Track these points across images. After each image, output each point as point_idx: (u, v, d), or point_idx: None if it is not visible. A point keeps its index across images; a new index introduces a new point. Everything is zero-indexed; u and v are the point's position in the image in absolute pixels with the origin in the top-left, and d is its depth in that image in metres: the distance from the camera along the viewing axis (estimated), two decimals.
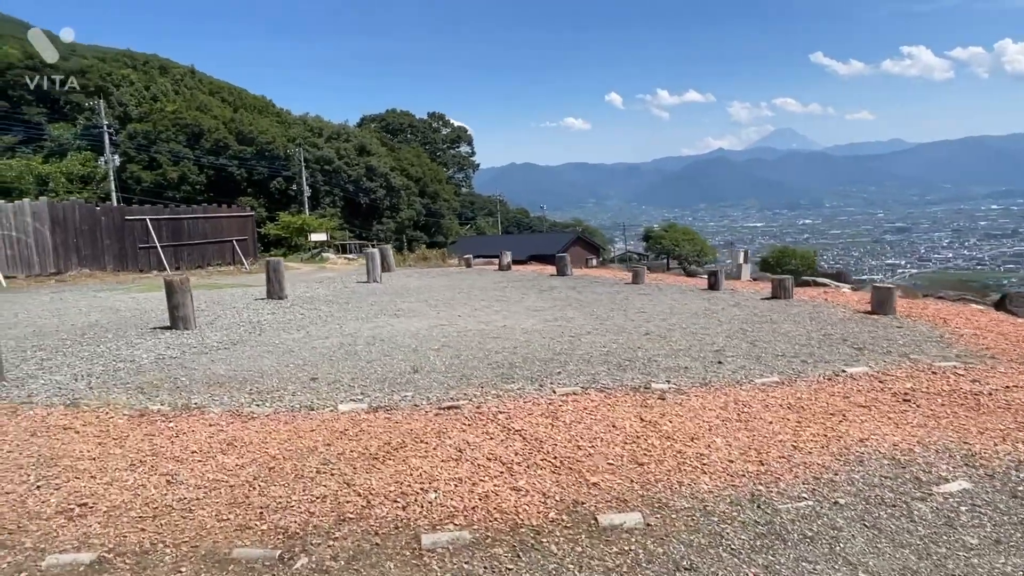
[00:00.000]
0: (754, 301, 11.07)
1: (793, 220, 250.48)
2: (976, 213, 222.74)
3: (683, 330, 8.74)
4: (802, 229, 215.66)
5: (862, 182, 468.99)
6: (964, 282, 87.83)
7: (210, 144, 44.80)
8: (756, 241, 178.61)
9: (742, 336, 8.20)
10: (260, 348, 8.49)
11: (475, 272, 18.43)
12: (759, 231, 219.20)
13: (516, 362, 7.16)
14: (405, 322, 10.29)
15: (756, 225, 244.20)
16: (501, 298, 12.77)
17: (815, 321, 9.02)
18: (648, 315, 10.12)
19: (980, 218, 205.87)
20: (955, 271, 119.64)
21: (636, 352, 7.46)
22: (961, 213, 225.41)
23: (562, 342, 8.23)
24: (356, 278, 17.97)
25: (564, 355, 7.44)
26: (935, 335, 7.92)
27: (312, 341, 8.91)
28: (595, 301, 11.86)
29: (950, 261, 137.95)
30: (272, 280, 12.97)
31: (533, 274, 17.32)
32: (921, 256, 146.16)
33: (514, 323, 9.79)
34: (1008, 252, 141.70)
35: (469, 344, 8.31)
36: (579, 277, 16.04)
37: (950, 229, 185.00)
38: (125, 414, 5.58)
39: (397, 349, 8.17)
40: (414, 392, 6.05)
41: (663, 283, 14.17)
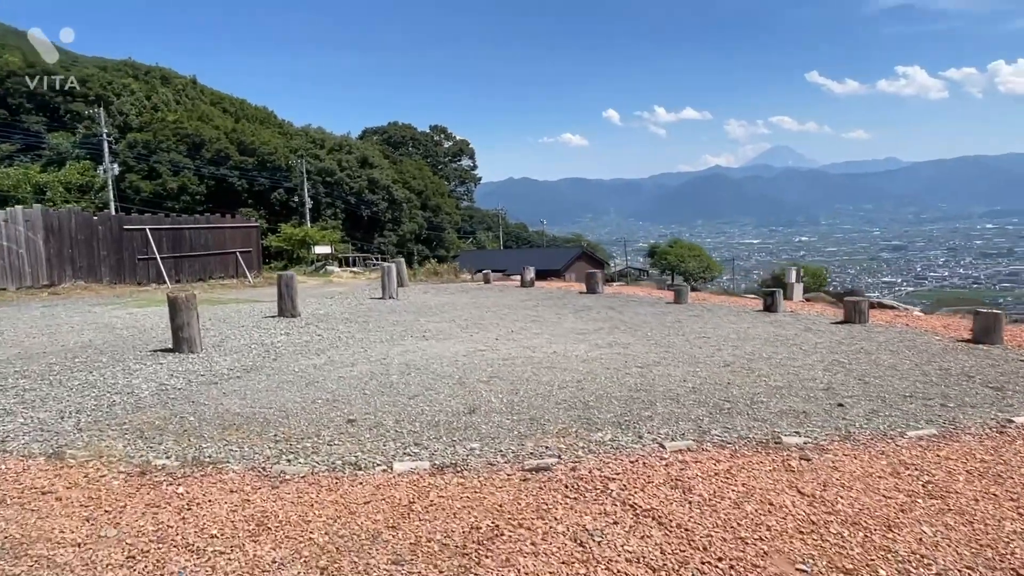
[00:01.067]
0: (825, 325, 9.94)
1: (789, 237, 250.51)
2: (972, 232, 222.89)
3: (767, 361, 7.59)
4: (798, 246, 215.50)
5: (858, 200, 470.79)
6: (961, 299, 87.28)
7: (211, 154, 43.74)
8: (752, 258, 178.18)
9: (843, 370, 7.05)
10: (278, 377, 7.31)
11: (496, 289, 17.29)
12: (755, 248, 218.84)
13: (589, 401, 5.99)
14: (438, 346, 9.12)
15: (753, 242, 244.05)
16: (536, 318, 11.61)
17: (916, 351, 7.89)
18: (713, 341, 8.97)
19: (976, 237, 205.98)
20: (951, 289, 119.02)
21: (728, 389, 6.30)
22: (956, 232, 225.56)
23: (631, 374, 7.06)
24: (369, 293, 16.80)
25: (643, 392, 6.28)
26: None
27: (337, 369, 7.73)
28: (643, 323, 10.71)
29: (946, 280, 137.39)
30: (284, 296, 11.80)
31: (560, 291, 16.19)
32: (917, 274, 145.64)
33: (564, 349, 8.63)
34: (1004, 271, 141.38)
35: (522, 375, 7.14)
36: (612, 295, 14.91)
37: (945, 248, 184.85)
38: (121, 471, 4.39)
39: (439, 380, 7.00)
40: (480, 443, 4.88)
41: (708, 303, 13.06)
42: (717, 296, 14.39)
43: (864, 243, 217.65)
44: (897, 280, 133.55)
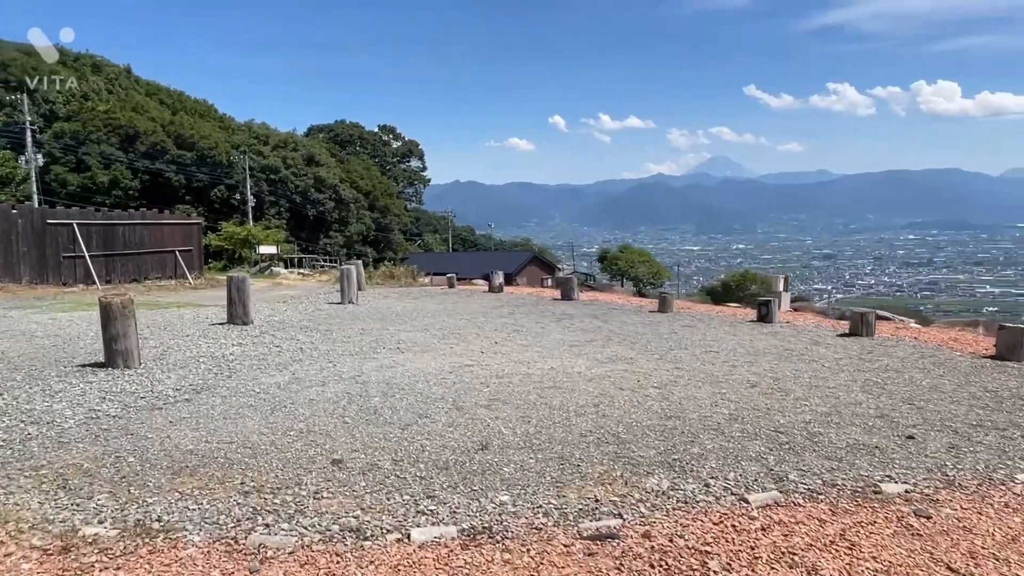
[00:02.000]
0: (831, 338, 9.33)
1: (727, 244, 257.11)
2: (895, 242, 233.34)
3: (794, 380, 6.84)
4: (736, 253, 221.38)
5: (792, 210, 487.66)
6: (886, 306, 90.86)
7: (146, 147, 41.11)
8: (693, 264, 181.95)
9: (883, 392, 6.36)
10: (236, 400, 6.14)
11: (462, 294, 16.24)
12: (696, 254, 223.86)
13: (619, 432, 5.08)
14: (417, 361, 8.07)
15: (693, 248, 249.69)
16: (517, 328, 10.65)
17: (946, 370, 7.29)
18: (723, 356, 8.21)
19: (899, 247, 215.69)
20: (877, 297, 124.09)
21: (772, 417, 5.49)
22: (882, 242, 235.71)
23: (651, 396, 6.19)
24: (324, 298, 15.50)
25: (676, 420, 5.41)
26: None
27: (305, 389, 6.60)
28: (637, 334, 9.89)
29: (872, 287, 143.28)
30: (235, 301, 10.48)
31: (532, 297, 15.27)
32: (846, 282, 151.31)
33: (562, 365, 7.70)
34: (924, 280, 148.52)
35: (526, 398, 6.19)
36: (589, 302, 14.09)
37: (872, 257, 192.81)
38: (35, 545, 3.24)
39: (431, 405, 5.97)
40: (509, 494, 3.90)
41: (693, 311, 12.37)
42: (700, 305, 13.74)
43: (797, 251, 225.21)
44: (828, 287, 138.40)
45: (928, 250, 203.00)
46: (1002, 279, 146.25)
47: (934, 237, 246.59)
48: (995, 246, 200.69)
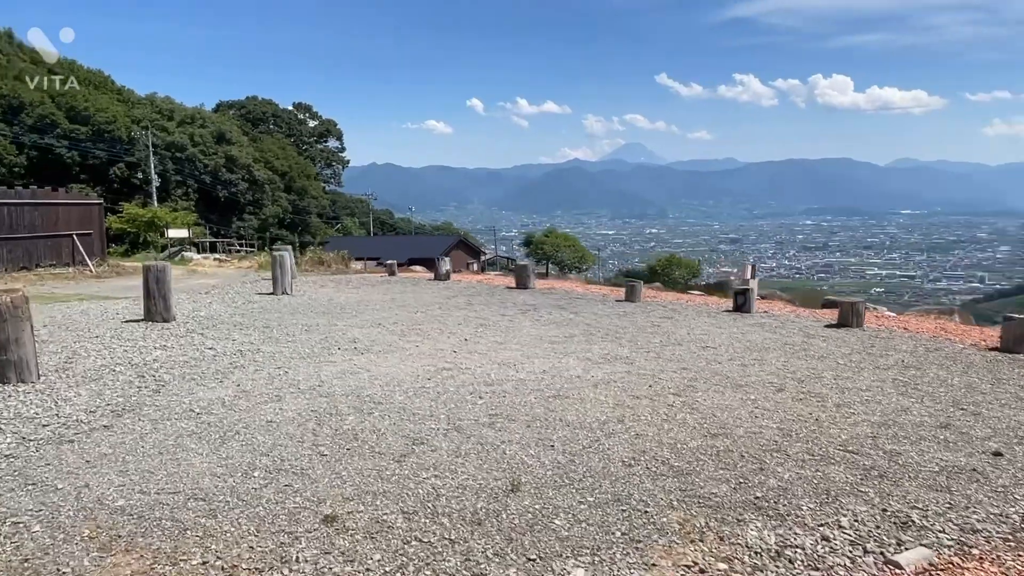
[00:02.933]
0: (821, 330, 8.83)
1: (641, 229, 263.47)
2: (795, 227, 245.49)
3: (819, 381, 6.19)
4: (649, 238, 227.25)
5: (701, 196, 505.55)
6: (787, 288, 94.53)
7: (33, 120, 37.02)
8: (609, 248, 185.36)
9: (924, 395, 5.78)
10: (172, 424, 4.88)
11: (406, 282, 14.98)
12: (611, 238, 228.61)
13: (668, 459, 4.21)
14: (383, 363, 6.94)
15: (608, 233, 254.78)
16: (482, 321, 9.63)
17: (966, 366, 6.83)
18: (724, 352, 7.50)
19: (798, 232, 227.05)
20: (778, 279, 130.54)
21: (829, 431, 4.77)
22: (783, 227, 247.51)
23: (678, 407, 5.36)
24: (252, 288, 13.92)
25: (724, 439, 4.59)
26: None
27: (257, 406, 5.39)
28: (617, 328, 9.08)
29: (774, 270, 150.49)
30: (154, 295, 8.94)
31: (482, 285, 14.21)
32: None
33: (554, 367, 6.77)
34: (820, 263, 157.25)
35: (532, 411, 5.23)
36: (547, 290, 13.19)
37: (774, 241, 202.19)
38: None
39: (421, 425, 4.92)
40: (583, 565, 2.94)
41: (660, 300, 11.70)
42: (664, 293, 13.12)
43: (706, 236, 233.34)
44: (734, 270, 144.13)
45: (824, 235, 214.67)
46: (889, 262, 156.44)
47: (829, 223, 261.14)
48: (882, 231, 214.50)
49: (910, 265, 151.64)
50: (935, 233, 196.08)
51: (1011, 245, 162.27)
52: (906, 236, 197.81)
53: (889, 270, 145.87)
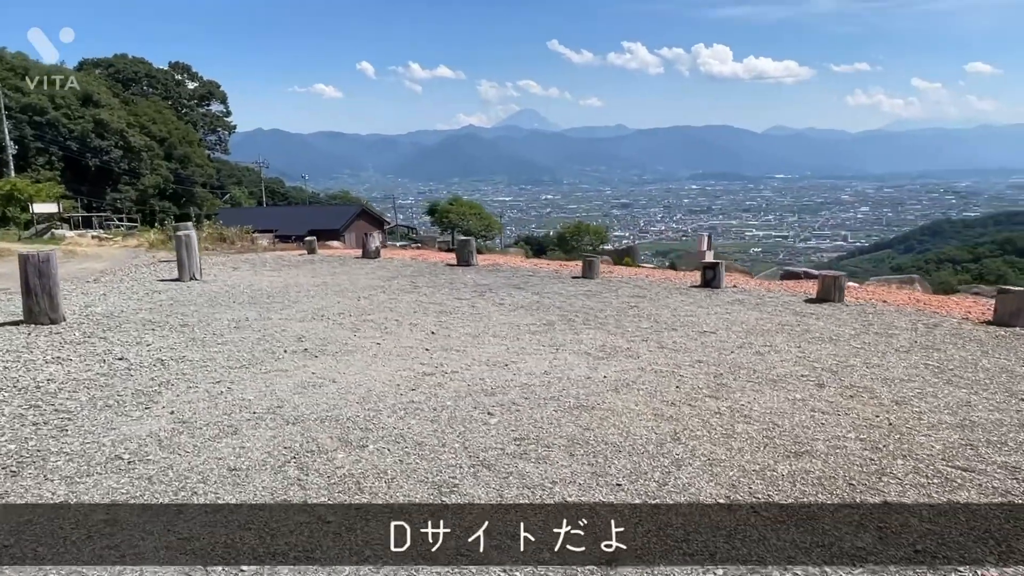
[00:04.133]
0: (807, 306, 8.37)
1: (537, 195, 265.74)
2: (681, 192, 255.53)
3: (852, 372, 5.62)
4: (545, 204, 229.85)
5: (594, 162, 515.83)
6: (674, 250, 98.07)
7: None
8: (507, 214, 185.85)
9: (973, 383, 5.31)
10: (96, 483, 3.59)
11: (333, 261, 13.46)
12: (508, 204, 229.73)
13: (773, 497, 3.42)
14: (347, 369, 5.76)
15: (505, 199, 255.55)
16: (441, 308, 8.52)
17: (978, 344, 6.49)
18: (722, 337, 6.84)
19: (684, 196, 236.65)
20: (667, 242, 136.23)
21: (914, 439, 4.15)
22: (670, 192, 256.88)
23: (726, 414, 4.60)
24: (151, 272, 12.00)
25: (811, 459, 3.86)
26: None
27: (207, 444, 4.15)
28: (592, 311, 8.25)
29: (663, 233, 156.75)
30: (36, 291, 7.17)
31: (422, 263, 12.94)
32: (641, 228, 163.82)
33: (553, 365, 5.85)
34: (705, 225, 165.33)
35: (564, 432, 4.31)
36: (491, 267, 12.13)
37: (662, 205, 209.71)
38: None
39: (433, 460, 3.90)
40: None
41: (620, 276, 10.97)
42: (621, 268, 12.41)
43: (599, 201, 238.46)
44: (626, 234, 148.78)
45: (707, 199, 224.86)
46: (765, 224, 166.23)
47: (712, 187, 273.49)
48: (759, 195, 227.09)
49: (784, 226, 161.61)
50: (805, 196, 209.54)
51: (869, 206, 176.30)
52: (780, 199, 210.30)
53: (765, 231, 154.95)
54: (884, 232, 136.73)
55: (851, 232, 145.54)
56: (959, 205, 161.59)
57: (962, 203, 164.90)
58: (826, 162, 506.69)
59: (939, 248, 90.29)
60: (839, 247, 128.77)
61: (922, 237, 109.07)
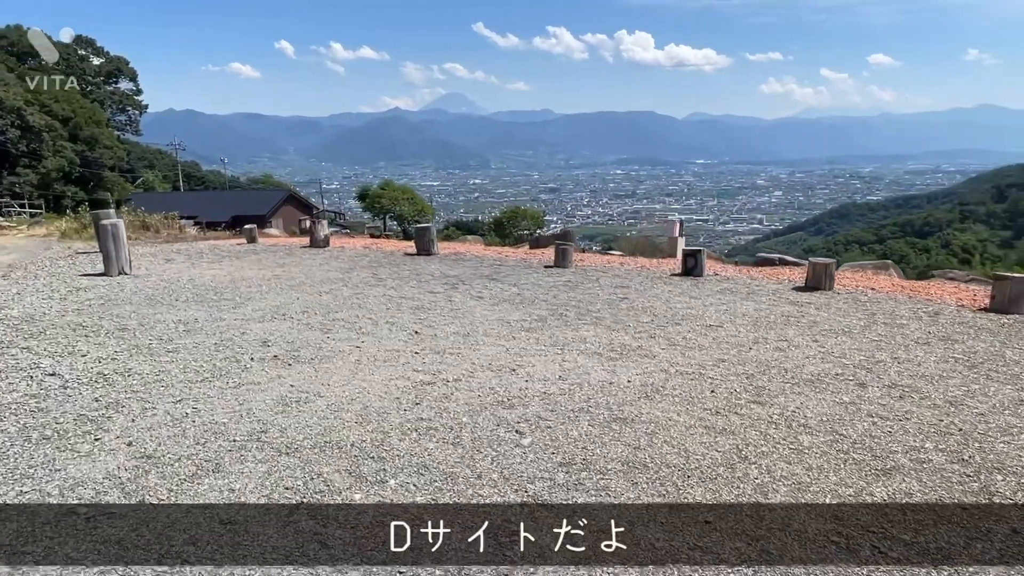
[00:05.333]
0: (798, 294, 8.08)
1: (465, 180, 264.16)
2: (607, 176, 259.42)
3: (887, 368, 5.27)
4: (473, 188, 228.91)
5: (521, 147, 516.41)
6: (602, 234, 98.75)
7: None
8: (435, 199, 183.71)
9: (1009, 378, 5.05)
10: (51, 558, 2.74)
11: (279, 251, 12.34)
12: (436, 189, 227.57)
13: (902, 536, 2.95)
14: (331, 380, 4.99)
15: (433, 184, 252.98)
16: (415, 303, 7.76)
17: (991, 334, 6.31)
18: (734, 333, 6.41)
19: (609, 180, 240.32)
20: (593, 226, 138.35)
21: (996, 448, 3.79)
22: (596, 176, 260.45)
23: (784, 427, 4.13)
24: (70, 266, 10.61)
25: (900, 476, 3.45)
26: None
27: (184, 487, 3.38)
28: (581, 303, 7.68)
29: (590, 217, 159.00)
30: None
31: (377, 251, 11.96)
32: (568, 213, 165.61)
33: (564, 369, 5.26)
34: (629, 209, 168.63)
35: (610, 452, 3.75)
36: (454, 256, 11.35)
37: (588, 190, 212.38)
38: None
39: (478, 497, 3.24)
40: None
41: (595, 265, 10.42)
42: (595, 256, 11.84)
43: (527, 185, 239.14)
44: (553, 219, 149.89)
45: (632, 183, 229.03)
46: (687, 208, 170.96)
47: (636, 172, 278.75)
48: (681, 180, 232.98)
49: (704, 210, 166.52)
50: (723, 181, 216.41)
51: (782, 190, 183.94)
52: (700, 184, 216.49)
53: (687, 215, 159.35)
54: (796, 215, 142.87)
55: (766, 215, 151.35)
56: (863, 189, 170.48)
57: (866, 187, 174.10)
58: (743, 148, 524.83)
59: (847, 230, 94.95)
60: (755, 230, 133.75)
61: (831, 220, 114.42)
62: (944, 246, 66.60)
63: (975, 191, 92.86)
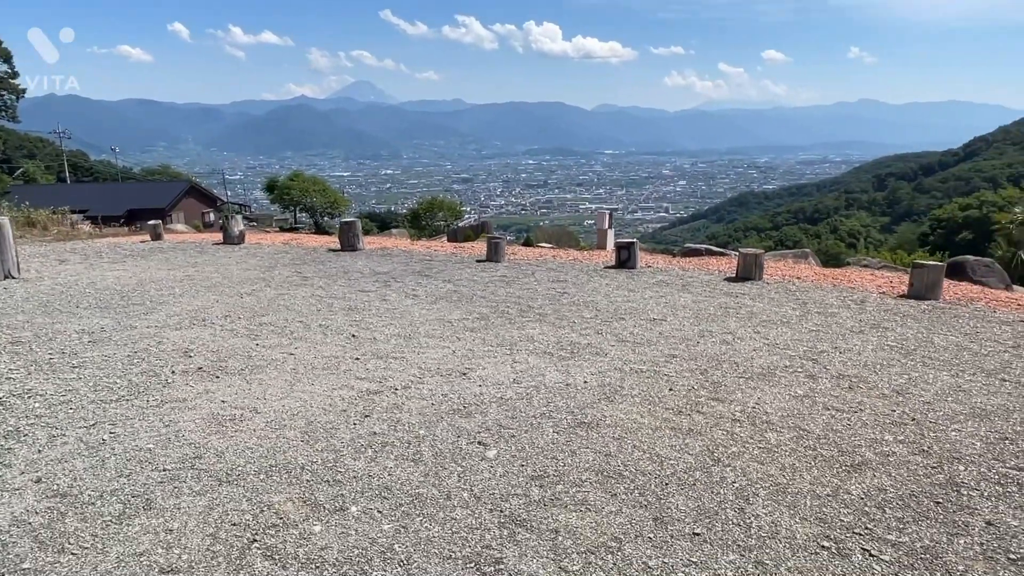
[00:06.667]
0: (729, 285, 8.18)
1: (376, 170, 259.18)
2: (519, 167, 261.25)
3: (836, 359, 5.37)
4: (385, 179, 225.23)
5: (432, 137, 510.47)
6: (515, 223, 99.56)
7: None
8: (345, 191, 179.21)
9: (944, 364, 5.24)
10: None
11: (189, 249, 11.44)
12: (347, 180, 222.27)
13: (887, 537, 2.93)
14: (265, 392, 4.60)
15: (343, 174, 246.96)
16: (347, 303, 7.34)
17: (915, 321, 6.57)
18: (679, 327, 6.39)
19: (522, 171, 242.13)
20: (507, 216, 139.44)
21: (1006, 461, 3.89)
22: (508, 167, 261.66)
23: (746, 424, 4.10)
24: None
25: (870, 472, 3.47)
26: None
27: (122, 541, 2.98)
28: (521, 300, 7.49)
29: (503, 207, 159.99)
30: None
31: (298, 248, 11.22)
32: (482, 203, 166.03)
33: (517, 370, 5.06)
34: (542, 199, 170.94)
35: (580, 461, 3.60)
36: (381, 252, 10.84)
37: (501, 180, 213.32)
38: None
39: (452, 520, 3.01)
40: None
41: (527, 258, 10.21)
42: (524, 250, 11.56)
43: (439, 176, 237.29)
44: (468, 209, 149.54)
45: (543, 173, 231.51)
46: (597, 197, 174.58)
47: (547, 162, 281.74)
48: (591, 170, 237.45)
49: (613, 199, 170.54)
50: (631, 171, 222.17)
51: (686, 180, 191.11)
52: (609, 173, 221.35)
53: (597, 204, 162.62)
54: (699, 204, 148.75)
55: (671, 204, 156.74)
56: (760, 179, 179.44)
57: (762, 177, 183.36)
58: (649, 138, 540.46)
59: (745, 217, 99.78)
60: (662, 218, 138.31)
61: (731, 208, 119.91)
62: (832, 231, 71.01)
63: (858, 180, 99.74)
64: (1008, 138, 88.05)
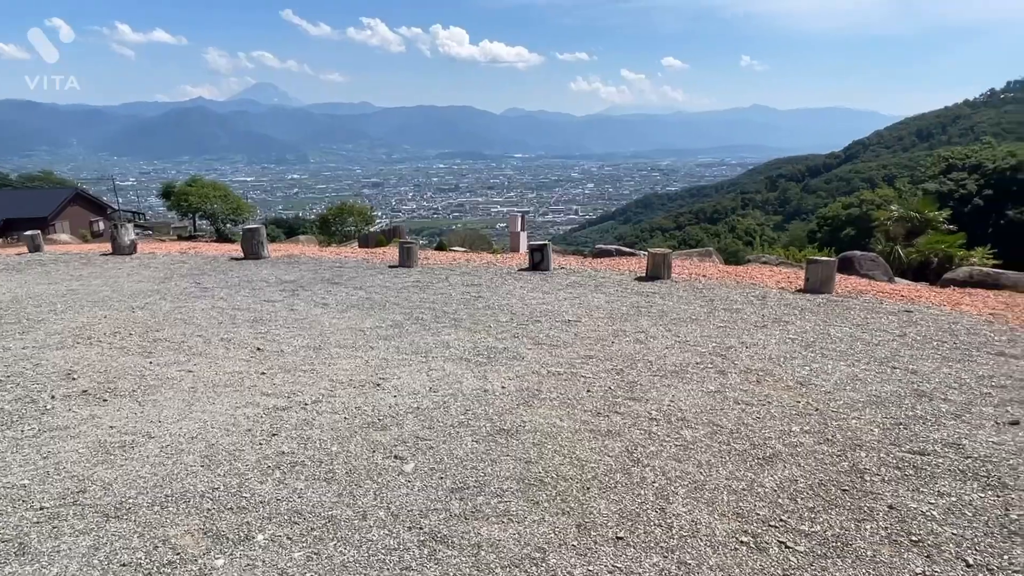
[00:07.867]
0: (640, 284, 8.32)
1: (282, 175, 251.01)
2: (430, 171, 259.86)
3: (744, 354, 5.53)
4: (291, 184, 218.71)
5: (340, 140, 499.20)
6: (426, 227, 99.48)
7: None
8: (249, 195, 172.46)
9: (841, 355, 5.51)
10: None
11: (72, 261, 10.46)
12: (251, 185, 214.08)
13: (795, 544, 3.00)
14: (160, 415, 4.27)
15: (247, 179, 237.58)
16: (252, 314, 6.95)
17: (814, 314, 6.89)
18: (593, 328, 6.43)
19: (433, 175, 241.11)
20: (419, 220, 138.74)
21: (852, 425, 4.06)
22: (419, 171, 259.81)
23: (677, 425, 4.14)
24: None
25: (783, 465, 3.55)
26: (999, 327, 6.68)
27: None
28: (435, 305, 7.33)
29: (415, 211, 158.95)
30: None
31: (196, 256, 10.47)
32: (394, 207, 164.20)
33: (434, 378, 4.93)
34: (454, 203, 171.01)
35: (506, 471, 3.54)
36: (287, 259, 10.32)
37: (412, 184, 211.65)
38: None
39: (377, 555, 2.86)
40: None
41: (438, 263, 10.01)
42: (437, 254, 11.25)
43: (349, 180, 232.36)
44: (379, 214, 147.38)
45: (455, 177, 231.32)
46: (508, 200, 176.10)
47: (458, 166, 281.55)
48: (501, 173, 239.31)
49: (525, 202, 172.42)
50: (541, 174, 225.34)
51: (594, 183, 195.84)
52: (520, 177, 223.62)
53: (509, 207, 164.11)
54: (607, 205, 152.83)
55: (581, 206, 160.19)
56: (663, 181, 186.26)
57: (665, 179, 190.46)
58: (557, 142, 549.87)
59: (650, 218, 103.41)
60: (572, 220, 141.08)
61: (637, 209, 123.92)
62: (731, 230, 74.61)
63: (753, 181, 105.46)
64: (882, 142, 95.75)
